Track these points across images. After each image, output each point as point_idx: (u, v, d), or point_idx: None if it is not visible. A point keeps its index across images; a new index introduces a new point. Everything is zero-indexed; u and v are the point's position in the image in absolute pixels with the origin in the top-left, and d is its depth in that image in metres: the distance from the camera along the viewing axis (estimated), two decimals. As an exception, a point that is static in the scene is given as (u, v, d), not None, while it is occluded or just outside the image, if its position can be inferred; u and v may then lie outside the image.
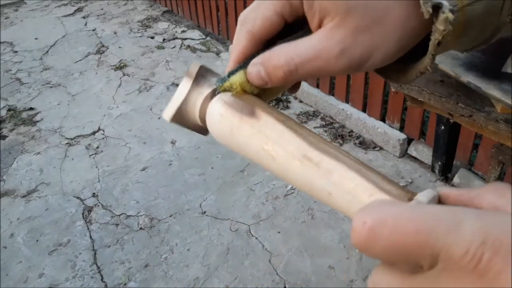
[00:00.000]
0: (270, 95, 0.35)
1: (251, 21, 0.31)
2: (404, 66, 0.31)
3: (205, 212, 2.07)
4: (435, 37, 0.26)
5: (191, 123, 0.36)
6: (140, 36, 3.94)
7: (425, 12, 0.26)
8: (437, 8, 0.25)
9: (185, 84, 0.35)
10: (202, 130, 0.36)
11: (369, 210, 0.21)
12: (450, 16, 0.25)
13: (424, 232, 0.19)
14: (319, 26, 0.29)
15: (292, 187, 2.17)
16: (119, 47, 3.76)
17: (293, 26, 0.32)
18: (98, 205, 2.15)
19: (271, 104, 0.33)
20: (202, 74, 0.35)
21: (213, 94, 0.34)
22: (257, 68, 0.31)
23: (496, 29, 0.30)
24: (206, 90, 0.34)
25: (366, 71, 0.33)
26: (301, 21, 0.31)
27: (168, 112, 0.35)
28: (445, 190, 0.25)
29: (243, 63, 0.32)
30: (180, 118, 0.35)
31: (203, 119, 0.34)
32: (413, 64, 0.30)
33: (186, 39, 3.82)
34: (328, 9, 0.27)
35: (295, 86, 0.37)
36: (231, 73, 0.32)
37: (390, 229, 0.20)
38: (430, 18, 0.26)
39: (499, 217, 0.19)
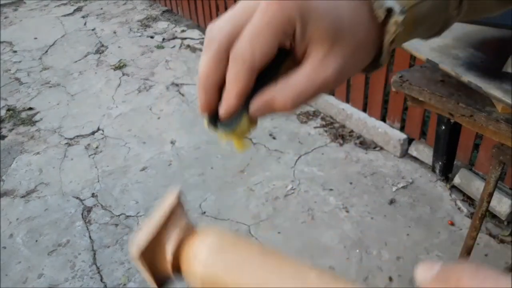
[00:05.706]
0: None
1: (252, 57, 0.29)
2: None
3: (205, 212, 2.06)
4: (388, 38, 0.30)
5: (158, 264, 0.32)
6: (140, 36, 3.93)
7: (379, 17, 0.29)
8: (388, 11, 0.29)
9: (160, 215, 0.33)
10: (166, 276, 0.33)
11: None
12: (399, 19, 0.29)
13: None
14: (305, 52, 0.30)
15: (292, 187, 2.17)
16: (119, 47, 3.75)
17: None
18: (97, 205, 2.15)
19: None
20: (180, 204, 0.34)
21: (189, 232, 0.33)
22: (261, 109, 0.31)
23: (444, 23, 0.34)
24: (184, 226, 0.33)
25: None
26: None
27: (137, 245, 0.31)
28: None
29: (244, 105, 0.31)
30: (149, 255, 0.32)
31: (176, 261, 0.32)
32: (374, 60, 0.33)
33: (185, 38, 3.82)
34: (315, 37, 0.28)
35: None
36: (235, 119, 0.31)
37: None
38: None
39: None
